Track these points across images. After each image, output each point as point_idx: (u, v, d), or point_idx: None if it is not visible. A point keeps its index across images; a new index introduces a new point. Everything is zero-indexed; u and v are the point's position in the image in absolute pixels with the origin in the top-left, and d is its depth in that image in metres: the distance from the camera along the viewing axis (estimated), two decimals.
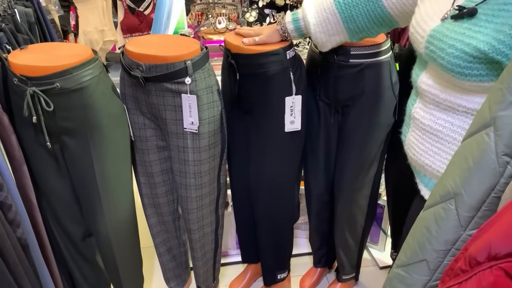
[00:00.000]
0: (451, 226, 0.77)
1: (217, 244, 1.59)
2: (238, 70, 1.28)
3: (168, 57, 1.20)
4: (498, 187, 0.71)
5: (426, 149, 1.04)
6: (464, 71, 0.87)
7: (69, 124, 1.19)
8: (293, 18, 1.24)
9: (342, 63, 1.29)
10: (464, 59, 0.86)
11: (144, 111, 1.33)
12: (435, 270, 0.82)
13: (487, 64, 0.84)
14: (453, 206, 0.76)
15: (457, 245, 0.77)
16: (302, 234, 2.07)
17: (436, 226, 0.79)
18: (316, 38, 1.22)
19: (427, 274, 0.83)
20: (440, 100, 0.97)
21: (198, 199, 1.40)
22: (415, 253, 0.84)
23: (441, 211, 0.78)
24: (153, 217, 1.55)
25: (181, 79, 1.21)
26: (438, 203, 0.79)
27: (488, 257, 0.60)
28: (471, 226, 0.75)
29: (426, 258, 0.82)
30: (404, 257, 0.88)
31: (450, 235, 0.77)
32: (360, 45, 1.27)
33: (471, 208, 0.74)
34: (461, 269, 0.65)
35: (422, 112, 1.03)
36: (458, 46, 0.86)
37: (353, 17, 1.16)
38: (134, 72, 1.23)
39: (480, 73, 0.86)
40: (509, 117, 0.67)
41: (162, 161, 1.42)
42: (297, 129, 1.34)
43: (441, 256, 0.80)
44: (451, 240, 0.78)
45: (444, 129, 0.98)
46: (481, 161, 0.71)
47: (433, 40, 0.92)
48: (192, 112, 1.26)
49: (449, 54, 0.87)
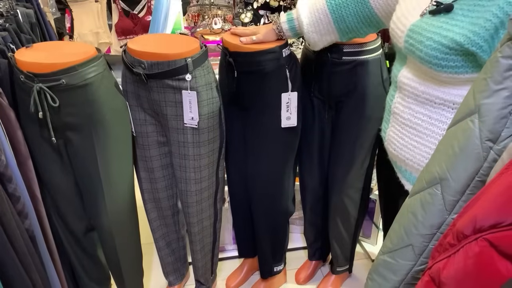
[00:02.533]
0: (437, 210, 0.81)
1: (215, 238, 1.63)
2: (236, 68, 1.33)
3: (169, 55, 1.24)
4: (482, 171, 0.76)
5: (405, 143, 1.08)
6: (440, 62, 0.92)
7: (73, 119, 1.23)
8: (288, 18, 1.30)
9: (336, 60, 1.36)
10: (441, 51, 0.91)
11: (145, 108, 1.37)
12: (420, 255, 0.86)
13: (462, 56, 0.90)
14: (439, 191, 0.80)
15: (442, 229, 0.82)
16: (296, 229, 2.12)
17: (422, 211, 0.84)
18: (308, 37, 1.28)
19: (412, 259, 0.87)
20: (419, 93, 1.02)
21: (197, 193, 1.45)
22: (401, 238, 0.88)
23: (427, 196, 0.83)
24: (153, 212, 1.59)
25: (181, 76, 1.26)
26: (424, 189, 0.83)
27: (474, 230, 0.65)
28: (456, 210, 0.80)
29: (412, 243, 0.86)
30: (390, 243, 0.92)
31: (435, 220, 0.82)
32: (352, 43, 1.34)
33: (456, 192, 0.79)
34: (449, 243, 0.71)
35: (401, 106, 1.08)
36: (435, 38, 0.92)
37: (343, 17, 1.23)
38: (136, 69, 1.27)
39: (456, 65, 0.91)
40: (492, 104, 0.73)
41: (162, 156, 1.47)
42: (293, 125, 1.39)
43: (426, 240, 0.84)
44: (436, 224, 0.82)
45: (422, 123, 1.03)
46: (466, 146, 0.77)
47: (412, 34, 0.98)
48: (192, 108, 1.31)
49: (427, 46, 0.93)
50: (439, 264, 0.72)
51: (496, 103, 0.73)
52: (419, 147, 1.05)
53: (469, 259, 0.65)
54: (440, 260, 0.73)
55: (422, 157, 1.04)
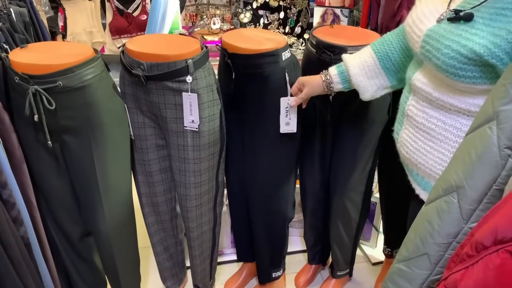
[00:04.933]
0: (453, 219, 0.79)
1: (214, 242, 1.60)
2: (234, 70, 1.31)
3: (169, 56, 1.21)
4: (500, 179, 0.74)
5: (418, 147, 1.05)
6: (458, 72, 0.89)
7: (70, 122, 1.19)
8: (339, 70, 1.24)
9: (338, 62, 1.32)
10: (459, 60, 0.88)
11: (144, 110, 1.34)
12: (436, 264, 0.84)
13: (481, 66, 0.86)
14: (456, 199, 0.79)
15: (458, 238, 0.80)
16: (296, 232, 2.09)
17: (438, 219, 0.82)
18: (356, 81, 1.21)
19: (428, 268, 0.85)
20: (433, 99, 0.99)
21: (197, 197, 1.42)
22: (416, 247, 0.87)
23: (443, 204, 0.81)
24: (150, 216, 1.56)
25: (182, 77, 1.23)
26: (440, 196, 0.82)
27: (495, 241, 0.63)
28: (473, 219, 0.78)
29: (427, 252, 0.84)
30: (406, 251, 0.90)
31: (452, 228, 0.80)
32: (355, 45, 1.31)
33: (473, 200, 0.77)
34: (467, 254, 0.69)
35: (415, 109, 1.05)
36: (454, 47, 0.88)
37: (387, 54, 1.18)
38: (135, 71, 1.24)
39: (474, 75, 0.88)
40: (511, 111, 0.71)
41: (161, 160, 1.43)
42: (293, 131, 1.36)
43: (442, 249, 0.82)
44: (452, 233, 0.80)
45: (436, 128, 1.00)
46: (484, 154, 0.75)
47: (430, 40, 0.94)
48: (192, 111, 1.27)
49: (444, 54, 0.90)
50: (456, 275, 0.70)
51: None
52: (432, 152, 1.02)
53: (490, 271, 0.62)
54: (457, 271, 0.70)
55: (434, 163, 1.01)
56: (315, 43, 1.37)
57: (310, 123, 1.50)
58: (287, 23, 1.81)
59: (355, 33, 1.40)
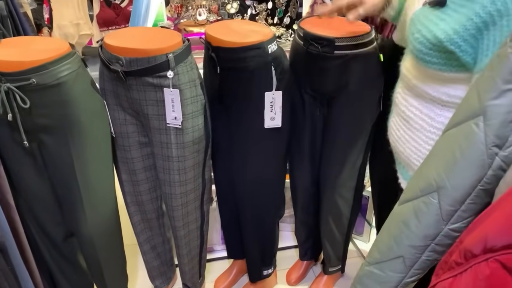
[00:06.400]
0: (433, 220, 0.75)
1: (202, 241, 1.56)
2: (218, 64, 1.26)
3: (149, 50, 1.16)
4: (486, 179, 0.70)
5: (400, 136, 1.06)
6: (425, 57, 0.89)
7: (46, 121, 1.14)
8: None
9: (327, 55, 1.27)
10: (425, 46, 0.88)
11: (125, 107, 1.29)
12: (411, 267, 0.80)
13: (444, 53, 0.86)
14: (436, 200, 0.74)
15: (437, 240, 0.76)
16: (287, 227, 2.06)
17: (416, 221, 0.77)
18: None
19: (402, 271, 0.81)
20: (412, 86, 0.99)
21: (182, 196, 1.38)
22: (390, 249, 0.82)
23: (422, 205, 0.77)
24: (136, 215, 1.52)
25: (163, 72, 1.18)
26: (418, 196, 0.77)
27: (484, 250, 0.59)
28: (453, 220, 0.74)
29: (403, 255, 0.80)
30: (378, 254, 0.85)
31: (430, 230, 0.76)
32: (344, 37, 1.26)
33: (455, 201, 0.73)
34: (455, 262, 0.65)
35: (400, 97, 1.06)
36: (422, 31, 0.88)
37: None
38: (114, 67, 1.19)
39: (440, 62, 0.87)
40: (500, 106, 0.66)
41: (145, 158, 1.39)
42: (278, 125, 1.32)
43: (419, 251, 0.78)
44: (431, 235, 0.76)
45: (414, 116, 1.00)
46: (469, 152, 0.70)
47: (411, 23, 0.94)
48: (175, 107, 1.23)
49: (415, 39, 0.90)
50: (444, 283, 0.67)
51: (504, 105, 0.67)
52: (409, 141, 1.02)
53: (480, 281, 0.59)
54: (445, 279, 0.67)
55: (411, 152, 1.01)
56: (303, 35, 1.32)
57: (299, 119, 1.46)
58: (276, 13, 1.75)
59: (343, 24, 1.34)
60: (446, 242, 0.77)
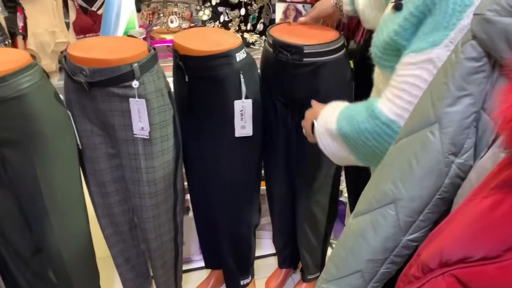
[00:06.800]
0: (392, 233, 0.73)
1: (177, 252, 1.53)
2: (186, 73, 1.24)
3: (112, 60, 1.14)
4: (443, 188, 0.68)
5: None
6: (380, 61, 0.90)
7: (8, 135, 1.11)
8: None
9: (296, 62, 1.26)
10: (379, 49, 0.88)
11: (91, 118, 1.26)
12: (371, 280, 0.77)
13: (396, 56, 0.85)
14: (393, 212, 0.72)
15: (396, 252, 0.74)
16: (266, 235, 2.04)
17: (374, 234, 0.75)
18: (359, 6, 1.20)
19: (361, 285, 0.78)
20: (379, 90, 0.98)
21: (153, 208, 1.35)
22: (348, 264, 0.79)
23: (379, 217, 0.74)
24: (108, 228, 1.48)
25: (127, 82, 1.16)
26: (374, 208, 0.75)
27: (440, 264, 0.58)
28: (412, 230, 0.72)
29: (361, 269, 0.77)
30: (335, 270, 0.82)
31: (390, 243, 0.74)
32: (313, 44, 1.25)
33: (413, 212, 0.71)
34: (414, 275, 0.63)
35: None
36: (378, 35, 0.89)
37: None
38: (77, 77, 1.16)
39: (392, 66, 0.86)
40: (455, 114, 0.65)
41: (114, 169, 1.36)
42: (249, 134, 1.30)
43: (378, 265, 0.76)
44: (390, 248, 0.74)
45: None
46: (426, 161, 0.68)
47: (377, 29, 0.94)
48: (141, 117, 1.20)
49: (374, 42, 0.91)
50: None
51: (459, 112, 0.65)
52: None
53: None
54: None
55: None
56: (272, 42, 1.31)
57: (273, 126, 1.44)
58: (249, 20, 1.74)
59: (313, 31, 1.34)
60: (404, 253, 0.76)
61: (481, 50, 0.60)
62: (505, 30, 0.55)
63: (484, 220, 0.54)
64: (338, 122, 0.93)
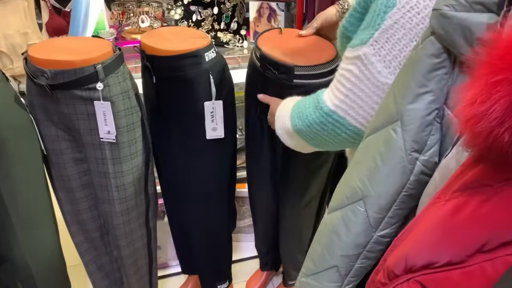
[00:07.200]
0: (362, 229, 0.73)
1: (151, 259, 1.49)
2: (154, 73, 1.20)
3: (75, 62, 1.09)
4: (409, 185, 0.68)
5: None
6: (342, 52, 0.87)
7: None
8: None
9: (285, 83, 1.13)
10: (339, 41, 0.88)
11: (55, 122, 1.21)
12: (347, 275, 0.78)
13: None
14: (363, 208, 0.72)
15: (368, 248, 0.75)
16: (244, 237, 2.00)
17: (346, 230, 0.76)
18: None
19: (338, 280, 0.80)
20: None
21: (124, 214, 1.31)
22: (324, 260, 0.80)
23: (350, 214, 0.75)
24: (78, 235, 1.43)
25: (92, 85, 1.12)
26: (345, 205, 0.75)
27: (405, 269, 0.56)
28: (382, 226, 0.72)
29: (337, 264, 0.78)
30: (313, 265, 0.83)
31: (361, 239, 0.74)
32: (305, 65, 1.12)
33: (381, 209, 0.71)
34: (380, 282, 0.62)
35: None
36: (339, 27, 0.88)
37: None
38: (39, 80, 1.11)
39: None
40: (416, 111, 0.64)
41: (82, 175, 1.31)
42: (220, 136, 1.26)
43: (352, 260, 0.77)
44: (362, 244, 0.75)
45: None
46: (390, 159, 0.68)
47: None
48: (107, 120, 1.16)
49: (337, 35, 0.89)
50: None
51: (420, 109, 0.64)
52: None
53: None
54: None
55: None
56: (259, 56, 1.18)
57: (257, 138, 1.37)
58: (222, 18, 1.70)
59: (307, 46, 1.19)
60: (377, 248, 0.76)
61: (440, 46, 0.59)
62: (461, 25, 0.54)
63: (447, 224, 0.52)
64: (291, 120, 0.92)
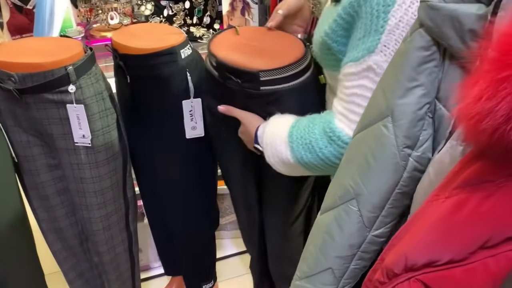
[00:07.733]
0: (356, 229, 0.72)
1: (133, 262, 1.45)
2: (128, 73, 1.15)
3: (44, 64, 1.04)
4: (402, 182, 0.67)
5: None
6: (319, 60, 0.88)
7: None
8: None
9: (251, 92, 0.98)
10: (317, 46, 0.85)
11: (25, 127, 1.15)
12: (342, 277, 0.77)
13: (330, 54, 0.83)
14: (356, 207, 0.71)
15: (363, 248, 0.74)
16: (227, 234, 1.98)
17: (339, 230, 0.74)
18: None
19: (333, 282, 0.78)
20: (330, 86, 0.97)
21: (103, 219, 1.26)
22: (318, 262, 0.79)
23: (342, 213, 0.73)
24: (56, 243, 1.37)
25: (63, 87, 1.07)
26: (337, 205, 0.74)
27: (405, 268, 0.56)
28: (376, 226, 0.72)
29: (331, 266, 0.76)
30: (307, 267, 0.82)
31: (355, 239, 0.73)
32: (272, 68, 0.96)
33: (375, 207, 0.70)
34: (379, 281, 0.61)
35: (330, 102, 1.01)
36: (317, 31, 0.85)
37: None
38: (6, 85, 1.05)
39: (331, 64, 0.84)
40: (407, 105, 0.63)
41: (57, 181, 1.25)
42: (200, 134, 1.23)
43: (347, 261, 0.75)
44: (356, 244, 0.74)
45: None
46: (382, 156, 0.67)
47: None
48: (81, 124, 1.11)
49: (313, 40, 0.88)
50: None
51: (411, 104, 0.63)
52: None
53: None
54: None
55: None
56: (216, 64, 1.02)
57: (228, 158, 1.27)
58: (194, 13, 1.66)
59: (271, 43, 1.06)
60: (372, 249, 0.75)
61: (430, 38, 0.58)
62: (450, 16, 0.53)
63: (448, 222, 0.52)
64: (293, 151, 0.86)
